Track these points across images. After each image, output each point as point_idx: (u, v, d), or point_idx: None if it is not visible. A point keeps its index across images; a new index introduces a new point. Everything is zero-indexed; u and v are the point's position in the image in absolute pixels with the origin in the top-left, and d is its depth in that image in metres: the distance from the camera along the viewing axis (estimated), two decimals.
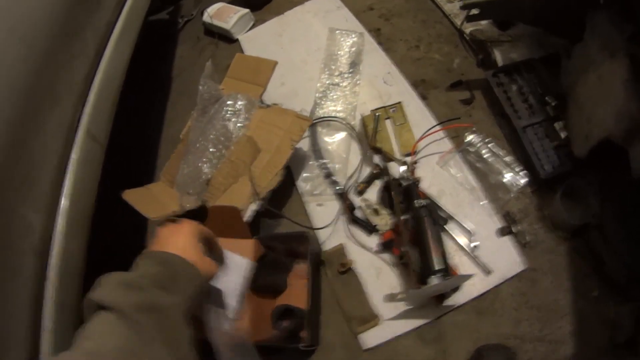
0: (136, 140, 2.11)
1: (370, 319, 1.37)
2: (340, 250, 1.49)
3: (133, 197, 1.57)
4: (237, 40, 2.20)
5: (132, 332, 0.75)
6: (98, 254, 1.41)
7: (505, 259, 1.38)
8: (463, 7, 1.64)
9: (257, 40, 2.14)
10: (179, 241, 1.00)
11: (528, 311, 1.32)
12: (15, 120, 1.10)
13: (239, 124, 1.60)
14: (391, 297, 1.38)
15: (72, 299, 1.24)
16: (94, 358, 0.70)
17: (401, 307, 1.37)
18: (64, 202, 1.26)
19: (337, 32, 1.92)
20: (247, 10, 2.20)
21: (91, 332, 0.75)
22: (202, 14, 2.34)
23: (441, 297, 1.33)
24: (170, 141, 2.03)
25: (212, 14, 2.24)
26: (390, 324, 1.37)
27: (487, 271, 1.37)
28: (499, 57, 1.67)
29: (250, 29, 2.22)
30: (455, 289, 1.32)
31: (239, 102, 1.62)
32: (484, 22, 1.78)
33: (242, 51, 2.11)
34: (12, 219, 1.07)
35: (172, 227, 1.06)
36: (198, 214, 1.41)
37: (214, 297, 1.09)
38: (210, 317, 1.07)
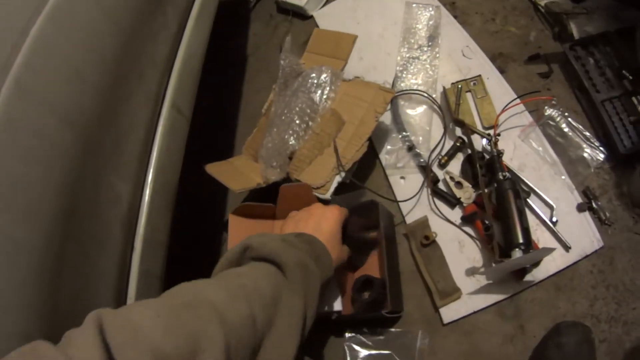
0: (215, 116, 2.15)
1: (453, 292, 1.38)
2: (424, 223, 1.48)
3: (216, 170, 1.59)
4: (311, 16, 2.19)
5: (285, 283, 0.85)
6: (179, 226, 1.46)
7: (584, 236, 1.37)
8: None
9: (332, 16, 2.13)
10: (327, 226, 1.11)
11: (605, 290, 1.31)
12: (105, 90, 1.13)
13: (324, 97, 1.59)
14: (473, 271, 1.39)
15: (157, 268, 1.30)
16: (248, 296, 0.77)
17: (482, 281, 1.38)
18: (151, 174, 1.30)
19: (414, 5, 1.89)
20: None
21: (247, 273, 0.86)
22: None
23: (522, 272, 1.32)
24: (249, 116, 2.05)
25: None
26: (471, 298, 1.37)
27: (566, 247, 1.36)
28: (575, 29, 1.63)
29: (324, 5, 2.20)
30: (536, 265, 1.31)
31: (324, 75, 1.61)
32: None
33: (317, 27, 2.09)
34: (101, 187, 1.11)
35: (324, 209, 1.18)
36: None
37: None
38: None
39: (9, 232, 0.82)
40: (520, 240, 1.26)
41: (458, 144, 1.55)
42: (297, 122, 1.56)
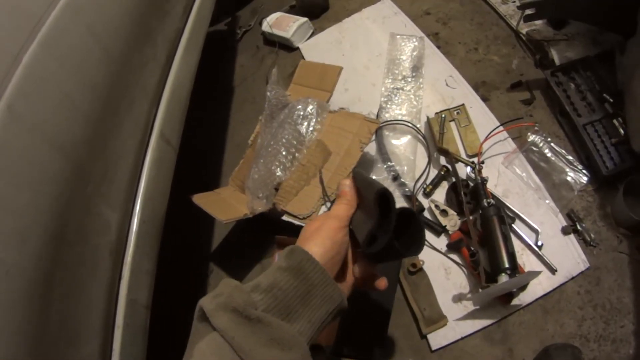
0: (201, 146, 2.20)
1: (439, 319, 1.41)
2: None
3: (203, 200, 1.64)
4: (297, 48, 2.27)
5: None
6: (166, 255, 1.49)
7: (569, 258, 1.41)
8: (520, 7, 1.70)
9: (318, 47, 2.21)
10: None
11: (592, 310, 1.35)
12: (95, 117, 1.16)
13: (310, 128, 1.65)
14: (460, 297, 1.43)
15: (144, 297, 1.31)
16: None
17: (469, 307, 1.42)
18: (139, 203, 1.33)
19: (398, 37, 1.98)
20: (305, 19, 2.26)
21: (198, 350, 0.67)
22: (260, 24, 2.42)
23: (509, 297, 1.36)
24: (236, 147, 2.11)
25: (272, 24, 2.31)
26: (458, 324, 1.41)
27: (552, 270, 1.40)
28: (556, 56, 1.71)
29: (310, 37, 2.29)
30: (523, 288, 1.35)
31: (310, 107, 1.68)
32: (539, 22, 1.81)
33: (303, 59, 2.16)
34: (91, 215, 1.13)
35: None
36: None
37: None
38: None
39: None
40: (506, 265, 1.30)
41: (442, 173, 1.61)
42: (284, 153, 1.62)
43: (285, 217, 1.53)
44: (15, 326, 0.87)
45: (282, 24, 2.28)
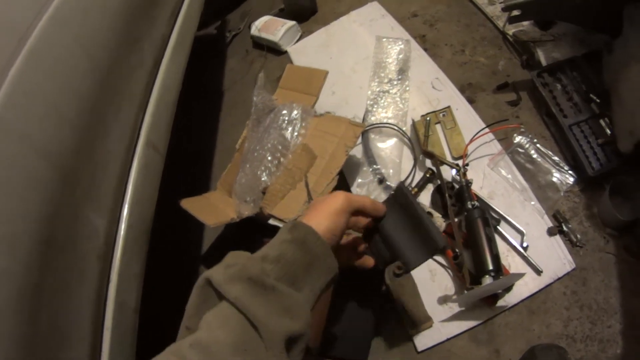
0: (191, 151, 2.25)
1: (425, 320, 1.43)
2: None
3: (191, 205, 1.68)
4: (285, 52, 2.32)
5: (249, 329, 0.70)
6: (155, 258, 1.53)
7: (555, 259, 1.43)
8: (505, 9, 1.70)
9: (306, 51, 2.25)
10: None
11: (579, 310, 1.36)
12: (82, 125, 1.21)
13: (295, 133, 1.69)
14: (445, 299, 1.46)
15: (132, 300, 1.35)
16: (200, 349, 0.67)
17: (455, 308, 1.44)
18: (126, 208, 1.37)
19: (384, 40, 2.02)
20: (294, 22, 2.31)
21: (205, 322, 0.72)
22: (249, 27, 2.46)
23: (494, 298, 1.38)
24: (225, 151, 2.15)
25: (260, 27, 2.35)
26: (444, 325, 1.43)
27: (538, 271, 1.42)
28: (542, 57, 1.74)
29: (298, 40, 2.33)
30: (508, 290, 1.36)
31: (295, 112, 1.72)
32: (525, 23, 1.85)
33: (291, 62, 2.21)
34: (78, 221, 1.17)
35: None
36: None
37: None
38: None
39: None
40: (490, 267, 1.33)
41: (428, 175, 1.64)
42: (269, 158, 1.66)
43: (271, 221, 1.57)
44: (5, 331, 0.91)
45: (270, 27, 2.33)
